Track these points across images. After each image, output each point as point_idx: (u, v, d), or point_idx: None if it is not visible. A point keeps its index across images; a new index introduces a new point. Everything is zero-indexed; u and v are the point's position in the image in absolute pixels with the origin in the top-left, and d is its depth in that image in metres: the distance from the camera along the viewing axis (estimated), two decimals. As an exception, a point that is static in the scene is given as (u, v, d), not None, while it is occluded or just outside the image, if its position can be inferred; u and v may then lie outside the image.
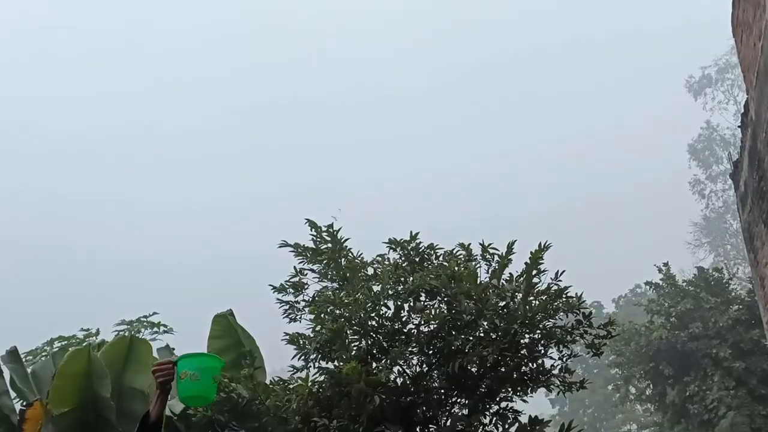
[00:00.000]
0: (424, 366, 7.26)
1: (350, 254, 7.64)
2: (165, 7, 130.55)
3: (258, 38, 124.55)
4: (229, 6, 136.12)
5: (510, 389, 7.27)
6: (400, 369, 7.24)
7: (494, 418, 7.17)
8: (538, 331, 7.20)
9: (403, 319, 7.34)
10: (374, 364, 7.10)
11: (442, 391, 7.18)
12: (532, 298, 7.12)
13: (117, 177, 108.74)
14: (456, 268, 7.21)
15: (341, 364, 6.95)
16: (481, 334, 7.11)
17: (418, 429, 6.95)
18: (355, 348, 7.20)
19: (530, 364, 7.29)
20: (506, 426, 7.06)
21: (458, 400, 7.27)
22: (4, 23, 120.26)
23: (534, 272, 7.15)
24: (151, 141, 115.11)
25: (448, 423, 6.98)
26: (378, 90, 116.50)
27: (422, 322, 7.24)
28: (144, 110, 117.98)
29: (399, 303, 7.29)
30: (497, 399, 7.25)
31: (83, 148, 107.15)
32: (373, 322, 7.25)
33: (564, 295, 7.22)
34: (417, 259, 7.62)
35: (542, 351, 7.31)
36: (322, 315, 7.17)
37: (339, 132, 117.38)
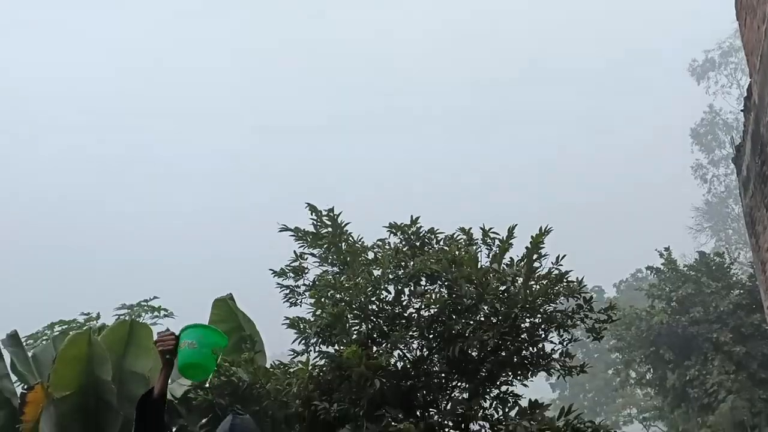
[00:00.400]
0: (425, 350, 7.26)
1: (350, 238, 7.63)
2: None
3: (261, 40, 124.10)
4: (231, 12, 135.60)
5: (510, 373, 7.27)
6: (401, 353, 7.25)
7: (494, 402, 7.18)
8: (539, 316, 7.19)
9: (404, 303, 7.34)
10: (375, 348, 7.10)
11: (443, 375, 7.18)
12: (532, 282, 7.11)
13: (116, 177, 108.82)
14: (456, 253, 7.20)
15: (342, 348, 6.95)
16: (482, 319, 7.11)
17: (418, 413, 6.96)
18: (355, 332, 7.20)
19: (531, 348, 7.29)
20: (506, 409, 7.06)
21: (458, 384, 7.28)
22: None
23: (535, 257, 7.13)
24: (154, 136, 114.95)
25: (449, 407, 6.99)
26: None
27: (423, 307, 7.23)
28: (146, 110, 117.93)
29: (399, 287, 7.29)
30: (497, 383, 7.26)
31: (86, 153, 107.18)
32: (374, 307, 7.25)
33: (565, 280, 7.21)
34: (417, 244, 7.60)
35: (543, 335, 7.31)
36: (323, 299, 7.17)
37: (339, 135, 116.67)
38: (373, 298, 7.22)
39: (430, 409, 7.05)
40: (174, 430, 7.89)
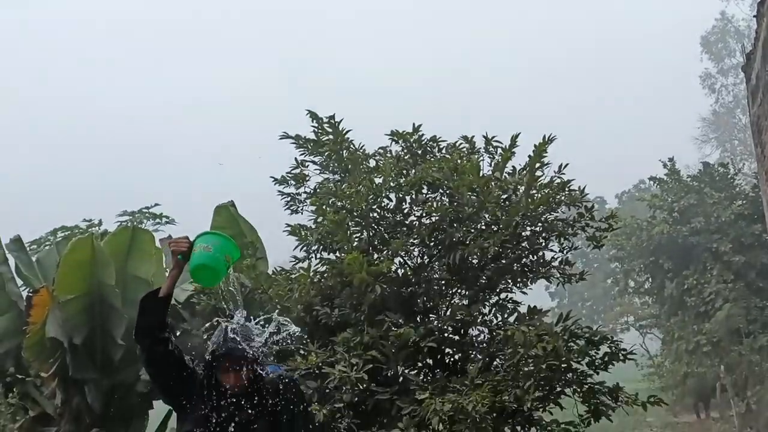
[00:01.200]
0: (425, 257, 7.29)
1: (352, 146, 7.55)
2: None
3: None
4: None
5: (510, 281, 7.31)
6: (402, 260, 7.28)
7: (494, 309, 7.25)
8: (540, 224, 7.18)
9: (405, 211, 7.33)
10: (376, 255, 7.12)
11: (443, 281, 7.23)
12: (534, 191, 7.07)
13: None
14: (459, 161, 7.14)
15: (343, 254, 6.98)
16: (483, 227, 7.09)
17: (418, 318, 7.04)
18: (356, 239, 7.21)
19: (531, 256, 7.30)
20: (505, 316, 7.15)
21: (458, 291, 7.33)
22: None
23: (537, 165, 7.07)
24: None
25: (448, 312, 7.07)
26: None
27: (424, 215, 7.22)
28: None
29: (401, 195, 7.26)
30: (497, 290, 7.31)
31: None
32: (375, 214, 7.24)
33: (567, 188, 7.16)
34: (419, 152, 7.53)
35: (543, 243, 7.31)
36: (324, 207, 7.15)
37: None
38: (374, 206, 7.20)
39: (430, 315, 7.13)
40: (178, 334, 8.03)
